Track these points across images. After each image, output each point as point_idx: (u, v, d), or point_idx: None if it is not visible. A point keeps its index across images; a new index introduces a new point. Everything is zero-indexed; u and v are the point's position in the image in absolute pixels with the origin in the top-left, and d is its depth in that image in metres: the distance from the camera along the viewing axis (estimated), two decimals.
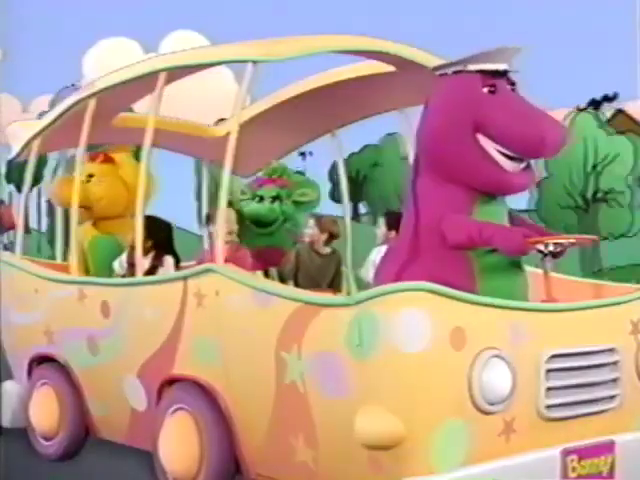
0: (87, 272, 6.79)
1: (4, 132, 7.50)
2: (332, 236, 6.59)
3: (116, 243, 6.85)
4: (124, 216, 7.04)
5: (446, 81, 4.81)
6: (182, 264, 6.32)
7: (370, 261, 6.35)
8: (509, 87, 4.74)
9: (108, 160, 7.26)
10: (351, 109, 6.64)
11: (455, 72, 4.78)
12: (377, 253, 6.30)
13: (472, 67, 4.72)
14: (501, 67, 4.70)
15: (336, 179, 7.55)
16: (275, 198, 6.80)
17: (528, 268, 5.23)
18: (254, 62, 5.06)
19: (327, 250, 6.55)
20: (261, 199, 6.80)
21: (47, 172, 7.30)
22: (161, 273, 6.07)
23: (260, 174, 7.13)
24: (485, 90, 4.68)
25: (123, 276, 6.24)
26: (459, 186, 4.68)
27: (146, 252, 6.22)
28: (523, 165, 4.72)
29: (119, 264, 6.37)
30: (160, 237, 6.38)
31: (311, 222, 6.55)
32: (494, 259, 4.68)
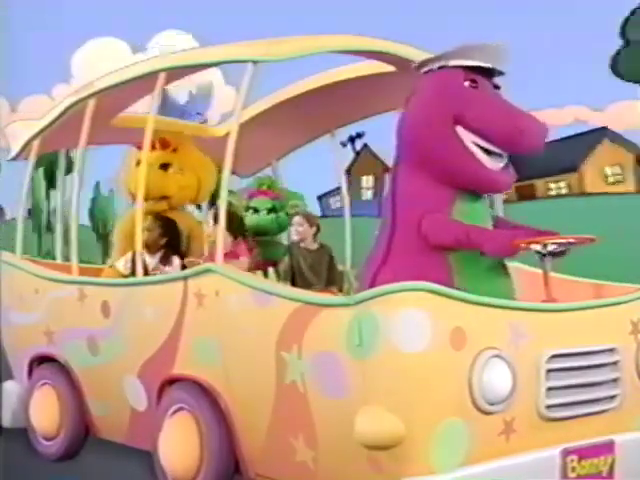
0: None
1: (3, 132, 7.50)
2: (318, 229, 6.60)
3: None
4: (177, 209, 6.96)
5: (429, 76, 4.82)
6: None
7: None
8: (491, 88, 4.75)
9: (175, 148, 6.95)
10: (351, 109, 6.64)
11: (438, 68, 4.79)
12: None
13: (454, 62, 4.73)
14: (485, 65, 4.71)
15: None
16: (270, 210, 6.80)
17: (528, 268, 5.23)
18: (254, 62, 5.06)
19: (316, 245, 6.55)
20: (256, 211, 6.79)
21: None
22: (168, 273, 6.09)
23: (250, 185, 7.08)
24: (466, 84, 4.69)
25: (128, 276, 6.23)
26: (438, 182, 4.66)
27: (157, 250, 6.26)
28: (502, 163, 4.71)
29: (124, 264, 6.37)
30: (173, 237, 6.41)
31: (300, 220, 6.53)
32: (474, 259, 4.66)
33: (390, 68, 5.80)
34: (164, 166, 6.92)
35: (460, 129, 4.61)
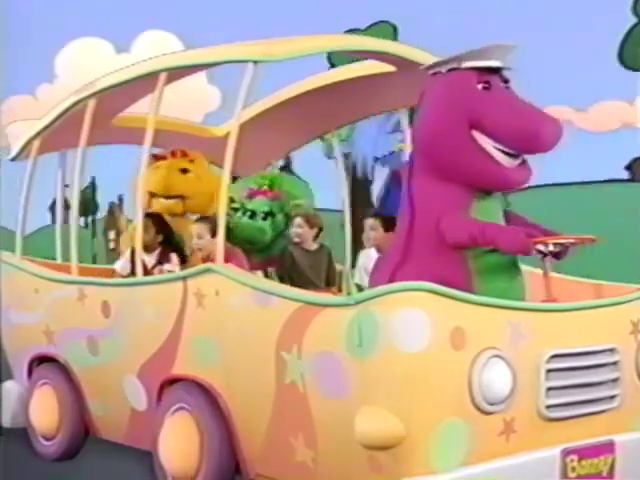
0: None
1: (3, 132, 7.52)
2: (319, 230, 6.57)
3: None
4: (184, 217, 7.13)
5: (441, 79, 4.81)
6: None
7: (359, 265, 6.34)
8: (502, 84, 4.74)
9: (192, 160, 7.24)
10: (351, 109, 6.64)
11: (449, 70, 4.78)
12: (364, 257, 6.31)
13: (466, 64, 4.72)
14: (495, 64, 4.71)
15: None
16: (267, 214, 6.66)
17: (528, 268, 5.22)
18: (254, 62, 5.06)
19: (315, 246, 6.54)
20: (253, 214, 6.66)
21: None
22: (167, 269, 6.10)
23: (251, 184, 6.99)
24: (480, 87, 4.67)
25: (126, 276, 6.23)
26: (456, 184, 4.66)
27: (154, 248, 6.28)
28: (519, 161, 4.70)
29: (121, 265, 6.37)
30: (168, 234, 6.44)
31: (301, 221, 6.49)
32: (492, 259, 4.68)
33: (390, 68, 5.80)
34: (183, 170, 7.20)
35: (477, 134, 4.61)
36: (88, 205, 29.55)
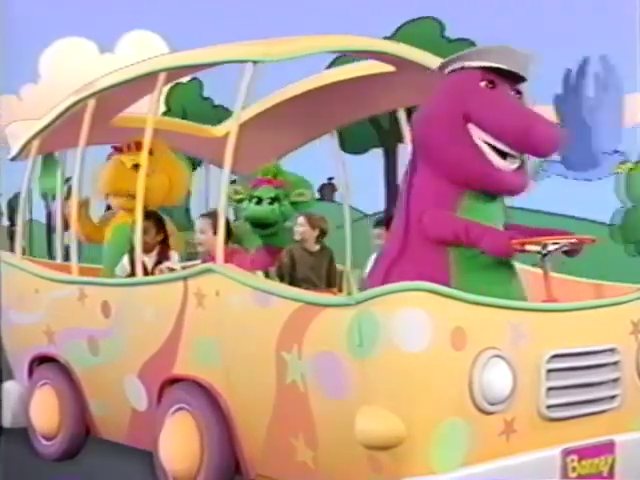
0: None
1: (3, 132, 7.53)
2: (322, 233, 6.58)
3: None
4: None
5: (447, 76, 4.81)
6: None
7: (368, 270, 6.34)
8: (512, 92, 4.70)
9: (148, 151, 7.10)
10: (351, 109, 6.64)
11: (459, 68, 4.77)
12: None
13: (473, 63, 4.71)
14: (503, 67, 4.65)
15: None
16: (274, 199, 6.71)
17: (528, 268, 5.22)
18: (254, 62, 5.07)
19: (317, 247, 6.55)
20: (259, 201, 6.71)
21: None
22: (167, 266, 6.11)
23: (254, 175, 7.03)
24: (483, 84, 4.65)
25: (126, 277, 6.22)
26: (446, 179, 4.64)
27: (152, 248, 6.29)
28: (516, 165, 4.67)
29: (121, 268, 6.37)
30: (166, 232, 6.45)
31: (302, 220, 6.52)
32: (475, 258, 4.62)
33: (390, 68, 5.80)
34: (135, 166, 7.01)
35: (472, 127, 4.59)
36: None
